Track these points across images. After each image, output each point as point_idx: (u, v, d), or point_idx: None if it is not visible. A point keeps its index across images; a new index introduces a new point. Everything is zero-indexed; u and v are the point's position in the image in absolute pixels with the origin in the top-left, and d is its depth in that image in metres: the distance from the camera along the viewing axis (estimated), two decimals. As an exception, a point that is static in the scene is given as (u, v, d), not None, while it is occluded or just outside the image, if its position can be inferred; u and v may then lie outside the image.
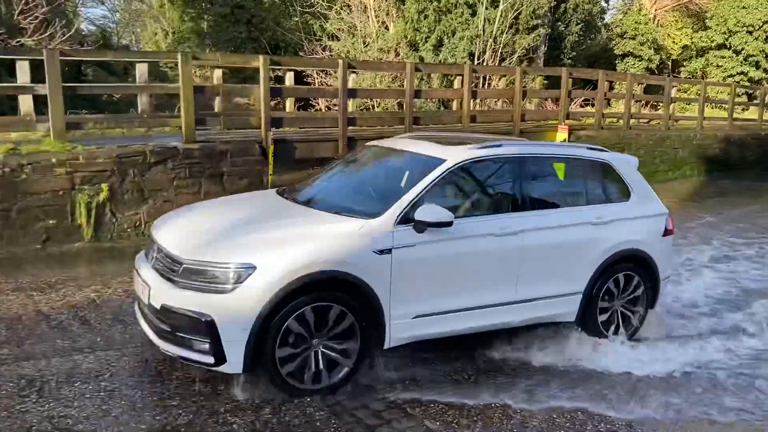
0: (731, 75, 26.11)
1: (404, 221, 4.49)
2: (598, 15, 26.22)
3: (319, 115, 15.15)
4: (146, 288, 4.35)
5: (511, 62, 18.59)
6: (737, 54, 26.17)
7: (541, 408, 4.38)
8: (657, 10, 27.58)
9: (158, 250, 4.51)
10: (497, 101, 16.27)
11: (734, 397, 4.72)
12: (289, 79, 11.64)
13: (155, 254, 4.53)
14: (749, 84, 25.48)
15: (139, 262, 4.74)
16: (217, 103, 10.07)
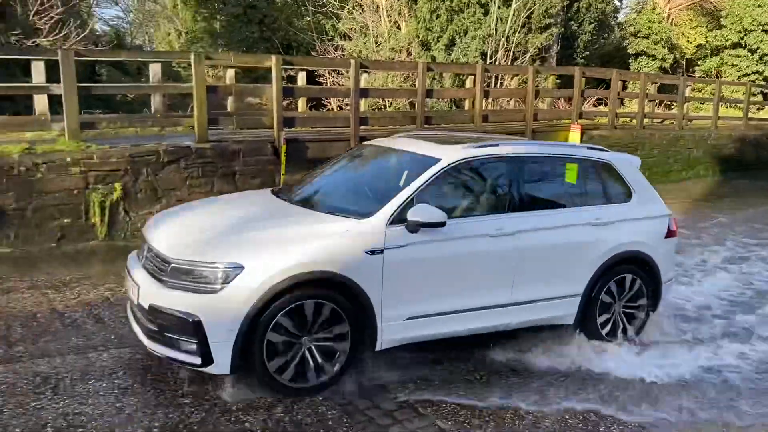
0: (746, 74, 25.85)
1: (397, 221, 4.42)
2: (612, 14, 26.05)
3: (331, 114, 15.15)
4: (136, 287, 4.32)
5: (523, 61, 18.53)
6: (752, 53, 25.91)
7: (552, 409, 4.36)
8: (671, 8, 27.39)
9: (148, 249, 4.48)
10: (509, 101, 16.21)
11: (750, 400, 4.68)
12: (301, 78, 11.67)
13: (146, 254, 4.51)
14: (765, 83, 25.25)
15: (131, 261, 4.70)
16: (230, 103, 10.12)
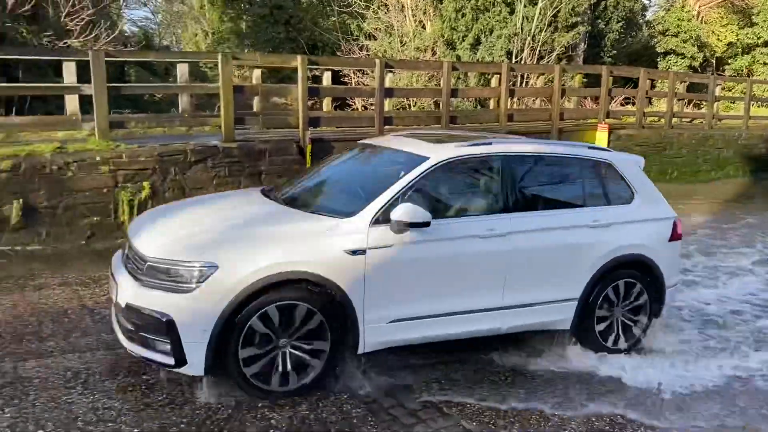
0: (779, 72, 25.41)
1: (382, 221, 4.31)
2: (640, 12, 25.73)
3: (356, 114, 15.21)
4: (115, 286, 4.28)
5: (549, 60, 18.38)
6: (786, 51, 25.45)
7: (577, 413, 4.33)
8: (701, 6, 26.93)
9: (129, 248, 4.42)
10: (535, 100, 16.07)
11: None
12: (326, 78, 11.70)
13: (127, 252, 4.45)
14: (798, 82, 24.73)
15: (115, 261, 4.62)
16: (256, 103, 10.20)
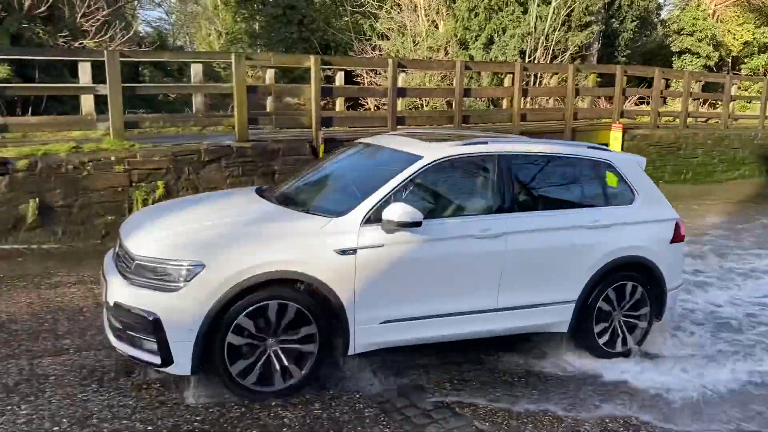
0: (796, 72, 25.11)
1: (373, 221, 4.26)
2: (654, 11, 25.51)
3: (368, 114, 15.21)
4: (105, 285, 4.27)
5: (563, 60, 18.30)
6: (803, 50, 25.15)
7: (590, 415, 4.30)
8: (717, 5, 26.67)
9: (120, 246, 4.41)
10: (549, 99, 16.03)
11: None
12: (339, 78, 11.73)
13: (118, 250, 4.45)
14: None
15: (107, 260, 4.61)
16: (269, 103, 10.25)
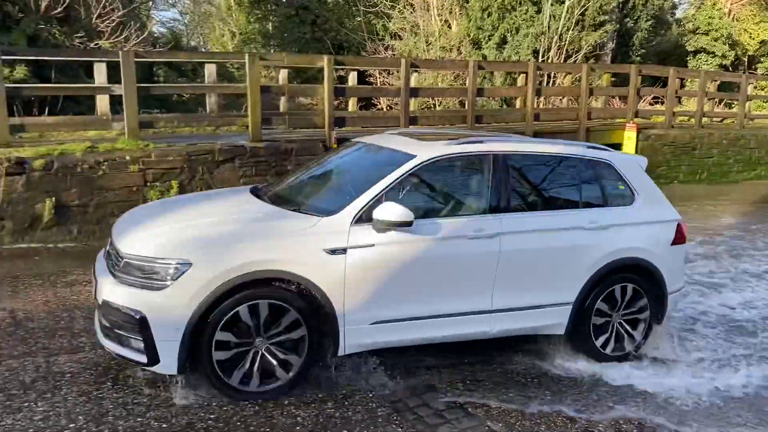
0: (814, 71, 24.83)
1: (365, 220, 4.23)
2: (669, 10, 25.35)
3: (381, 114, 15.22)
4: (94, 283, 4.29)
5: (576, 59, 18.21)
6: (820, 49, 24.86)
7: (603, 416, 4.28)
8: (732, 3, 26.42)
9: (110, 244, 4.41)
10: (562, 99, 15.95)
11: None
12: (352, 78, 11.74)
13: (109, 249, 4.44)
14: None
15: (99, 258, 4.58)
16: (282, 103, 10.29)
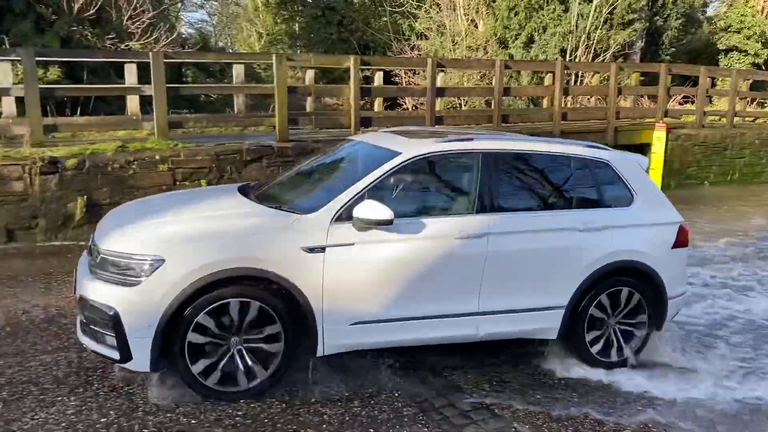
0: None
1: (346, 218, 4.16)
2: (700, 8, 24.91)
3: (406, 114, 15.21)
4: (74, 278, 4.31)
5: (605, 58, 18.01)
6: None
7: (631, 420, 4.23)
8: (766, 1, 25.88)
9: (92, 241, 4.40)
10: (590, 98, 15.79)
11: None
12: (377, 78, 11.74)
13: (90, 245, 4.43)
14: None
15: (83, 255, 4.55)
16: (309, 103, 10.35)
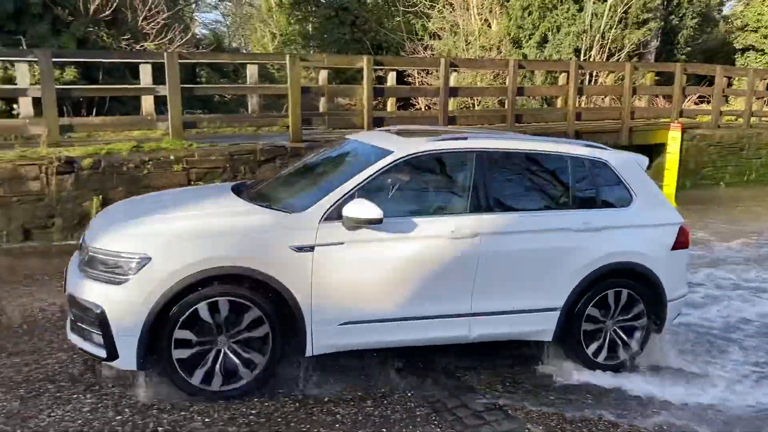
0: None
1: (335, 217, 4.13)
2: (716, 7, 24.69)
3: (419, 114, 15.18)
4: (65, 276, 4.32)
5: (619, 58, 17.90)
6: None
7: (646, 422, 4.20)
8: (784, -1, 25.59)
9: (83, 239, 4.42)
10: (604, 98, 15.69)
11: None
12: (390, 78, 11.72)
13: (82, 243, 4.42)
14: None
15: (75, 253, 4.56)
16: (322, 104, 10.36)
